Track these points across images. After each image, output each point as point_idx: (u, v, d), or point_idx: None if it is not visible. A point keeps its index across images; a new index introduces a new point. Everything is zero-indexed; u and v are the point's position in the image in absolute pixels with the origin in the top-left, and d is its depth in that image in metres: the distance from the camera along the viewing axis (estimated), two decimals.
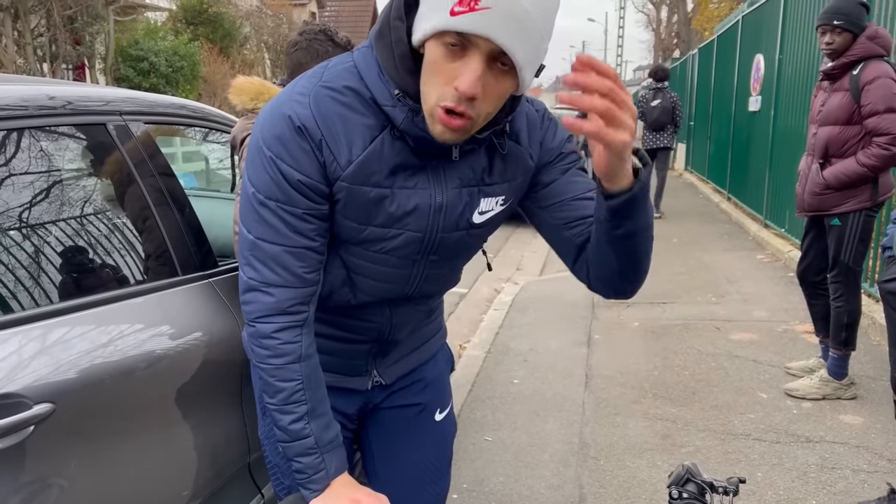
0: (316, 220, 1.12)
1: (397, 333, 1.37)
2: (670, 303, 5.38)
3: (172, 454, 1.73)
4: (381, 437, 1.49)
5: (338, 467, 1.16)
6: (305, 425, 1.13)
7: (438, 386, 1.52)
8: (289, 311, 1.12)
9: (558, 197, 1.23)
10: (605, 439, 3.21)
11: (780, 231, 7.14)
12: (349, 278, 1.23)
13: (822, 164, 3.30)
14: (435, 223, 1.17)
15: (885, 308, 2.45)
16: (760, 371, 3.95)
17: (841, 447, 3.07)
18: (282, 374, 1.13)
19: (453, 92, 1.00)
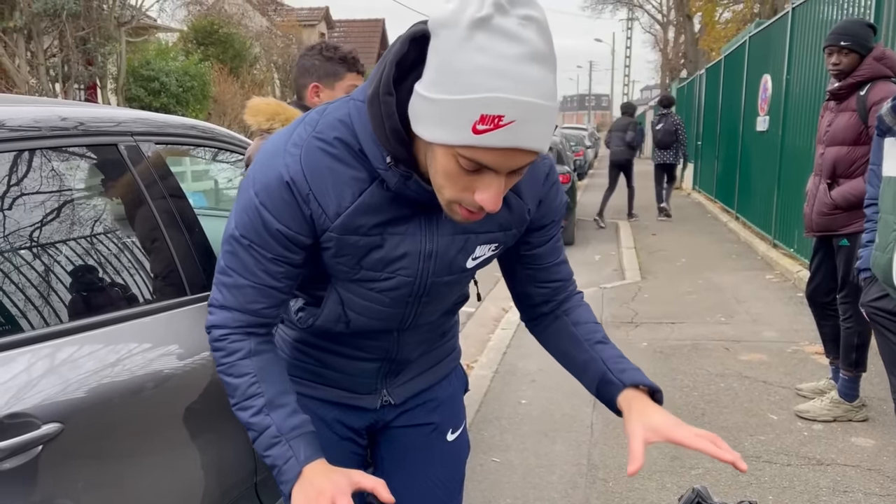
0: (285, 265, 1.15)
1: (407, 353, 1.37)
2: (679, 323, 5.35)
3: (179, 474, 1.73)
4: (393, 456, 1.49)
5: (308, 455, 1.12)
6: (265, 416, 1.14)
7: (451, 406, 1.52)
8: (241, 329, 1.18)
9: (540, 261, 1.32)
10: (614, 461, 3.18)
11: (788, 251, 7.11)
12: (344, 314, 1.26)
13: (830, 185, 3.30)
14: (426, 268, 1.19)
15: (874, 329, 2.43)
16: (770, 392, 3.92)
17: (853, 470, 3.03)
18: (234, 371, 1.16)
19: (473, 201, 1.00)
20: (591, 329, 1.33)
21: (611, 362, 1.26)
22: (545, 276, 1.33)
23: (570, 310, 1.36)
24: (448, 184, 1.00)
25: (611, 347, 1.30)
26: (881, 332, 2.37)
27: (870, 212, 2.45)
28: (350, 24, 30.64)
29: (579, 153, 18.85)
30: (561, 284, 1.35)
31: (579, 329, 1.33)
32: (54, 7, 10.73)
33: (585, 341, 1.31)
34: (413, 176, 1.06)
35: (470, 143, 0.93)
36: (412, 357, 1.39)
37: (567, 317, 1.35)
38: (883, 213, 2.28)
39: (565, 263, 1.36)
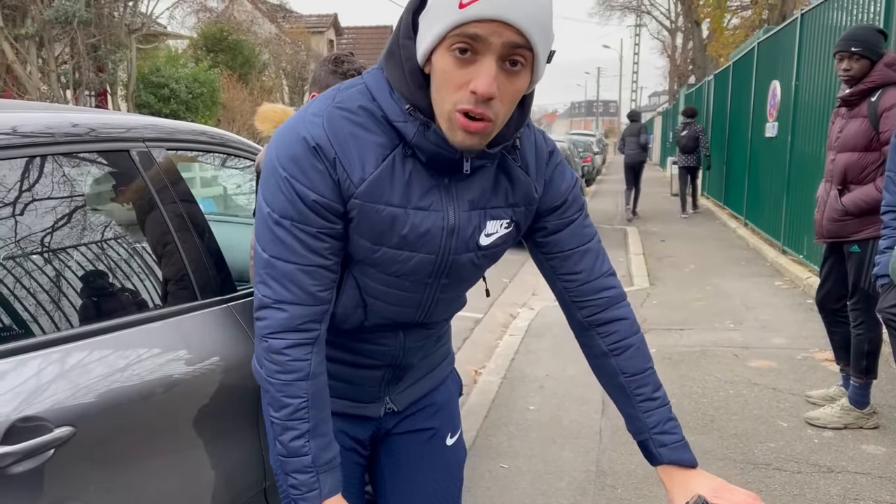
0: (330, 238, 1.13)
1: (410, 358, 1.38)
2: (687, 329, 5.33)
3: (188, 479, 1.73)
4: (393, 463, 1.49)
5: (332, 488, 1.16)
6: (305, 443, 1.14)
7: (449, 411, 1.53)
8: (301, 328, 1.14)
9: (559, 247, 1.29)
10: (623, 467, 3.17)
11: (798, 257, 7.08)
12: (362, 300, 1.25)
13: (841, 191, 3.28)
14: (447, 245, 1.19)
15: (890, 335, 2.42)
16: (780, 399, 3.90)
17: (864, 478, 3.01)
18: (289, 391, 1.14)
19: (469, 95, 1.02)
20: (641, 382, 1.27)
21: (655, 430, 1.25)
22: (568, 266, 1.29)
23: (619, 350, 1.29)
24: (446, 88, 1.04)
25: (658, 408, 1.26)
26: None
27: (888, 218, 2.44)
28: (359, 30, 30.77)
29: (587, 159, 18.84)
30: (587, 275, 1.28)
31: (629, 381, 1.28)
32: (66, 15, 10.83)
33: (634, 396, 1.27)
34: (432, 125, 1.09)
35: (458, 20, 0.98)
36: (413, 362, 1.40)
37: (616, 359, 1.29)
38: None
39: (590, 255, 1.29)
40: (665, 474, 1.24)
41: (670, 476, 1.23)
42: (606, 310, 1.30)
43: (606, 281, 1.30)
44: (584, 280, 1.28)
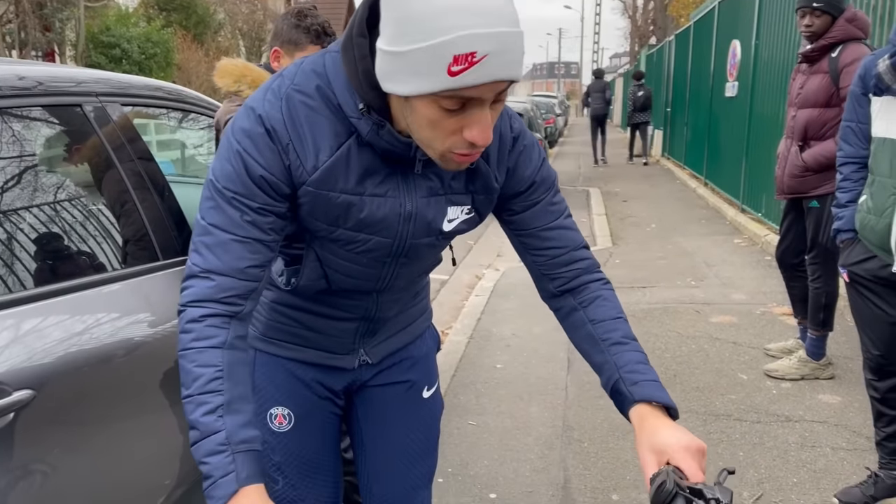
0: (271, 215, 1.10)
1: (384, 312, 1.38)
2: (650, 287, 5.41)
3: (155, 441, 1.71)
4: (370, 415, 1.50)
5: (250, 474, 0.98)
6: (218, 418, 0.99)
7: (426, 364, 1.53)
8: (224, 300, 1.07)
9: (526, 226, 1.27)
10: (589, 422, 3.23)
11: (756, 215, 7.21)
12: (323, 272, 1.25)
13: (802, 147, 3.32)
14: (405, 230, 1.19)
15: (850, 292, 2.46)
16: (740, 353, 3.99)
17: (820, 426, 3.11)
18: (201, 359, 1.03)
19: (464, 141, 0.99)
20: (610, 327, 1.21)
21: (625, 370, 1.15)
22: (537, 243, 1.27)
23: (587, 301, 1.25)
24: (435, 134, 0.99)
25: (629, 350, 1.18)
26: (861, 294, 2.39)
27: (847, 171, 2.44)
28: None
29: (550, 121, 18.82)
30: (560, 251, 1.26)
31: (596, 327, 1.22)
32: None
33: (602, 341, 1.20)
34: (386, 125, 1.06)
35: (448, 87, 0.92)
36: (390, 316, 1.40)
37: (584, 310, 1.24)
38: (879, 176, 2.25)
39: (562, 230, 1.27)
40: (636, 418, 1.10)
41: (641, 421, 1.09)
42: (578, 278, 1.27)
43: (576, 254, 1.27)
44: (554, 256, 1.27)
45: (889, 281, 2.28)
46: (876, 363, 2.39)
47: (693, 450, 1.02)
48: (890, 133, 2.21)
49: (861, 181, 2.39)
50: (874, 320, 2.37)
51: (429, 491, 1.58)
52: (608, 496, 2.65)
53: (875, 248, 2.30)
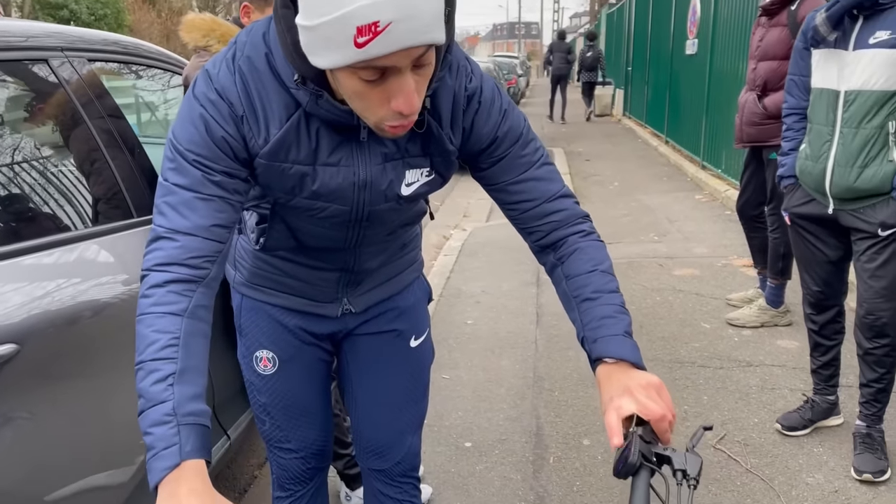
0: (235, 179, 1.09)
1: (365, 264, 1.39)
2: (615, 243, 5.51)
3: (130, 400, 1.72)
4: (357, 363, 1.53)
5: (194, 448, 0.91)
6: (168, 387, 0.93)
7: (413, 314, 1.54)
8: (190, 263, 1.03)
9: (495, 181, 1.23)
10: (559, 372, 3.31)
11: (716, 171, 7.35)
12: (292, 234, 1.28)
13: (760, 96, 3.40)
14: (360, 198, 1.19)
15: (792, 233, 2.59)
16: (703, 303, 4.11)
17: (779, 369, 3.25)
18: (159, 325, 0.97)
19: (394, 112, 0.97)
20: (581, 283, 1.16)
21: (588, 328, 1.11)
22: (510, 197, 1.23)
23: (565, 256, 1.20)
24: (365, 105, 0.98)
25: (597, 305, 1.13)
26: (801, 236, 2.53)
27: (790, 121, 2.55)
28: None
29: (511, 81, 18.76)
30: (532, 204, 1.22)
31: (569, 284, 1.18)
32: None
33: (574, 298, 1.16)
34: (324, 94, 1.04)
35: (359, 59, 0.89)
36: (372, 267, 1.42)
37: (562, 267, 1.21)
38: (815, 123, 2.38)
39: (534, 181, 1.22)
40: (598, 378, 1.06)
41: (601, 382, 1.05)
42: (555, 231, 1.22)
43: (553, 205, 1.22)
44: (526, 209, 1.22)
45: (826, 222, 2.42)
46: (815, 298, 2.55)
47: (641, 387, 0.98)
48: (825, 83, 2.33)
49: (802, 131, 2.51)
50: (813, 259, 2.51)
51: (418, 437, 1.61)
52: (579, 441, 2.74)
53: (813, 192, 2.43)
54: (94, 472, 1.57)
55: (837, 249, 2.44)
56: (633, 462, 0.88)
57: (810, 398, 2.72)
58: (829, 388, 2.67)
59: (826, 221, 2.42)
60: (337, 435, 2.25)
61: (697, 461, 0.88)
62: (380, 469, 1.59)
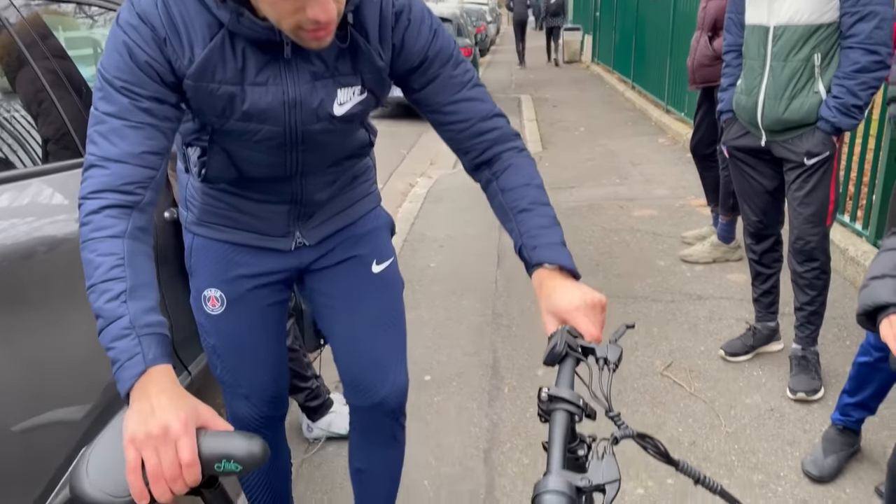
0: (162, 104, 1.10)
1: (314, 195, 1.39)
2: (577, 187, 5.60)
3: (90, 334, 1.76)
4: (324, 297, 1.52)
5: (157, 355, 0.97)
6: (122, 304, 0.98)
7: (370, 240, 1.52)
8: (122, 189, 1.05)
9: (429, 103, 1.25)
10: (517, 309, 3.42)
11: (679, 115, 7.43)
12: (232, 163, 1.27)
13: (711, 37, 3.46)
14: (292, 118, 1.18)
15: (731, 167, 2.70)
16: (659, 242, 4.23)
17: (727, 301, 3.38)
18: (101, 248, 1.01)
19: (309, 20, 1.00)
20: (517, 196, 1.21)
21: (526, 236, 1.15)
22: (445, 118, 1.25)
23: (500, 171, 1.24)
24: (278, 12, 1.01)
25: (533, 216, 1.17)
26: (739, 168, 2.63)
27: (729, 58, 2.63)
28: None
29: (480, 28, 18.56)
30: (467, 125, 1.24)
31: (506, 196, 1.22)
32: None
33: (511, 209, 1.20)
34: (244, 12, 1.05)
35: None
36: (321, 199, 1.41)
37: (497, 181, 1.24)
38: (748, 59, 2.47)
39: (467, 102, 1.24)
40: (536, 283, 1.11)
41: (539, 285, 1.10)
42: (490, 149, 1.25)
43: (487, 124, 1.25)
44: (462, 129, 1.25)
45: (760, 154, 2.53)
46: (755, 228, 2.67)
47: (587, 307, 1.02)
48: (757, 20, 2.42)
49: (740, 67, 2.60)
50: (751, 190, 2.62)
51: (402, 373, 1.55)
52: (534, 372, 2.86)
53: (747, 125, 2.54)
54: (50, 408, 1.61)
55: (773, 179, 2.54)
56: (559, 351, 0.94)
57: (753, 326, 2.85)
58: (769, 315, 2.81)
59: (760, 153, 2.52)
60: (296, 369, 2.33)
61: (618, 350, 0.93)
62: (364, 406, 1.55)
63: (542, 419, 0.86)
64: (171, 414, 0.90)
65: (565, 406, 0.83)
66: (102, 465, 0.92)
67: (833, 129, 2.31)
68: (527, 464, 2.31)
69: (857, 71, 2.25)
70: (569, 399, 0.83)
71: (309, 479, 2.30)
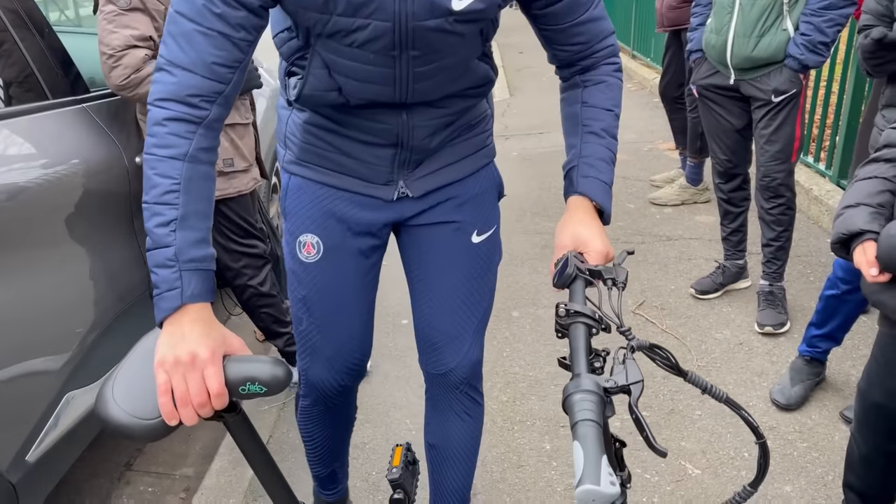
0: (242, 9, 1.01)
1: (421, 139, 1.26)
2: (546, 133, 5.60)
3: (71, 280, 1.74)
4: (415, 256, 1.42)
5: (196, 292, 0.97)
6: (170, 232, 0.97)
7: (477, 206, 1.40)
8: (188, 101, 1.00)
9: (555, 21, 1.18)
10: None
11: (646, 60, 7.42)
12: (332, 79, 1.15)
13: None
14: (402, 9, 1.05)
15: (700, 106, 2.73)
16: (629, 185, 4.27)
17: (696, 242, 3.45)
18: (161, 168, 0.99)
19: None
20: (595, 115, 1.19)
21: (584, 161, 1.15)
22: (564, 38, 1.19)
23: (591, 82, 1.21)
24: None
25: (600, 145, 1.17)
26: (708, 107, 2.67)
27: None
28: None
29: None
30: (584, 46, 1.20)
31: (584, 111, 1.19)
32: None
33: (582, 126, 1.18)
34: None
35: None
36: (429, 145, 1.29)
37: (584, 90, 1.21)
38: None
39: (591, 23, 1.18)
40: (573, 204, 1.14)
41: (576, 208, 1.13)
42: (591, 58, 1.22)
43: (600, 45, 1.21)
44: (579, 50, 1.20)
45: (729, 92, 2.56)
46: (723, 167, 2.71)
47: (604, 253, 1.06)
48: None
49: (709, 6, 2.62)
50: (720, 129, 2.66)
51: (478, 346, 1.47)
52: (509, 314, 2.90)
53: (717, 64, 2.56)
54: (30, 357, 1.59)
55: (741, 118, 2.58)
56: (569, 273, 0.99)
57: (722, 264, 2.92)
58: (738, 253, 2.87)
59: (729, 91, 2.55)
60: (275, 315, 2.33)
61: (624, 271, 0.98)
62: (435, 373, 1.48)
63: (559, 335, 0.91)
64: (200, 342, 0.93)
65: (583, 319, 0.88)
66: (128, 387, 0.94)
67: (800, 66, 2.35)
68: (505, 401, 2.37)
69: (825, 8, 2.28)
70: (586, 312, 0.88)
71: (291, 423, 2.32)
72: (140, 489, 2.18)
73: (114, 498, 2.15)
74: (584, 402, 0.74)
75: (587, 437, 0.70)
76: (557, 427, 2.23)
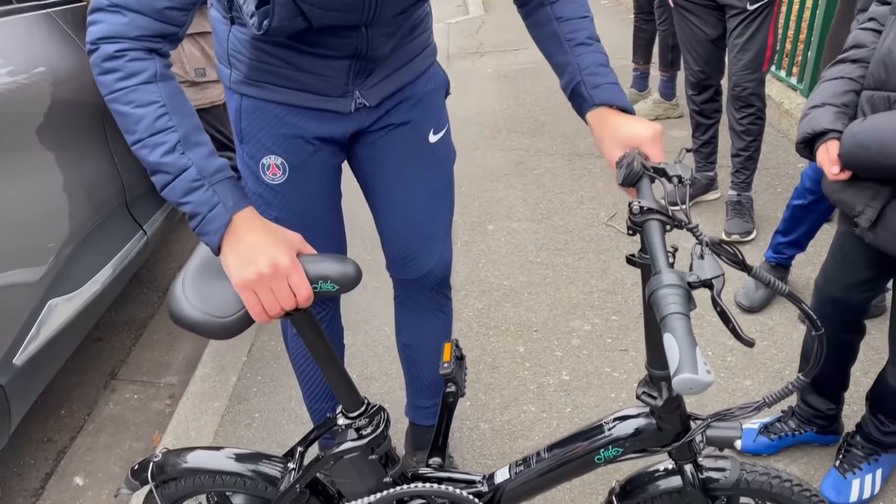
0: None
1: (378, 49, 1.23)
2: (521, 49, 5.53)
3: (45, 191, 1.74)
4: (373, 161, 1.39)
5: (237, 201, 0.95)
6: (181, 155, 0.92)
7: (430, 104, 1.39)
8: (139, 39, 0.94)
9: None
10: (467, 170, 3.46)
11: None
12: (297, 8, 1.07)
13: None
14: None
15: (675, 17, 2.73)
16: None
17: (668, 156, 3.45)
18: (137, 98, 0.92)
19: None
20: (575, 27, 1.16)
21: (587, 73, 1.13)
22: None
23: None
24: None
25: (593, 52, 1.15)
26: (684, 17, 2.66)
27: None
28: None
29: None
30: None
31: (562, 25, 1.16)
32: None
33: (567, 41, 1.16)
34: None
35: None
36: (383, 53, 1.25)
37: (552, 6, 1.18)
38: None
39: None
40: (595, 120, 1.11)
41: (602, 120, 1.10)
42: None
43: None
44: None
45: (705, 2, 2.55)
46: (697, 78, 2.73)
47: (655, 135, 1.06)
48: None
49: None
50: (695, 40, 2.66)
51: (447, 245, 1.49)
52: (485, 227, 2.95)
53: None
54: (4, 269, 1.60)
55: (716, 28, 2.58)
56: (636, 171, 0.98)
57: (693, 176, 2.97)
58: (708, 165, 2.93)
59: (705, 1, 2.54)
60: None
61: (688, 168, 0.98)
62: (409, 279, 1.49)
63: (631, 233, 0.92)
64: (276, 250, 0.92)
65: (657, 216, 0.88)
66: (199, 288, 0.95)
67: None
68: (481, 308, 2.44)
69: None
70: (659, 210, 0.88)
71: (271, 332, 2.38)
72: (126, 396, 2.24)
73: (101, 405, 2.21)
74: (671, 297, 0.76)
75: (679, 329, 0.73)
76: (531, 332, 2.32)
